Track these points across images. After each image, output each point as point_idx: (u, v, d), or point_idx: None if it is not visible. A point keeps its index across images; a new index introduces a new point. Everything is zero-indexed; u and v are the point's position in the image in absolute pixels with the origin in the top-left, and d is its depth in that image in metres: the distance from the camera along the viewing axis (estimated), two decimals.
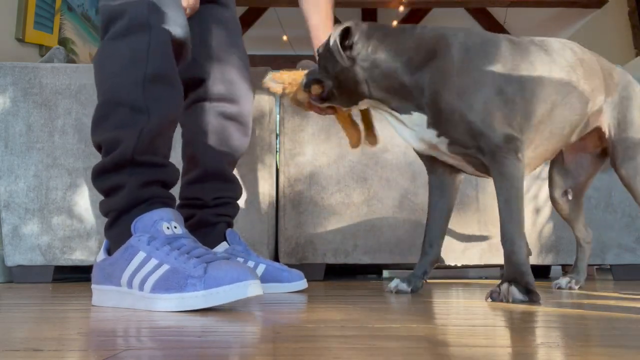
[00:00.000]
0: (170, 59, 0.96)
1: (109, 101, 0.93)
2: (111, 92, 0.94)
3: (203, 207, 1.23)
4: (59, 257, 1.69)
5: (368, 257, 1.75)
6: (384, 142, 1.80)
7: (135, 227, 0.85)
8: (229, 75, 1.27)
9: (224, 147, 1.26)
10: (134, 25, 0.93)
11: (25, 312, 0.80)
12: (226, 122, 1.26)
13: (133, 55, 0.93)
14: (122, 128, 0.91)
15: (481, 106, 0.96)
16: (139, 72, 0.92)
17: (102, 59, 0.97)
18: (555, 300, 1.02)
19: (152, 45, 0.93)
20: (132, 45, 0.93)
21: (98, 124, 0.94)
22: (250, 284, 0.79)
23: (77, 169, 1.72)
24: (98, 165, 0.93)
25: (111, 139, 0.91)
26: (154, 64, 0.93)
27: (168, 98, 0.95)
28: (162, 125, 0.93)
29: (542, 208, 1.80)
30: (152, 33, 0.94)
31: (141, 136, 0.90)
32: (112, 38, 0.95)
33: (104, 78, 0.96)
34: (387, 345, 0.49)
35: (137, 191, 0.89)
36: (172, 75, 0.97)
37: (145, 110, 0.91)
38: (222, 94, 1.26)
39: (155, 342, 0.52)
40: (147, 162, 0.91)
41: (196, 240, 0.88)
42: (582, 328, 0.61)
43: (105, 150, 0.92)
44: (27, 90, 1.73)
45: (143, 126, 0.90)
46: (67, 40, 2.82)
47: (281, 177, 1.78)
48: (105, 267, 0.88)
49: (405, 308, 0.84)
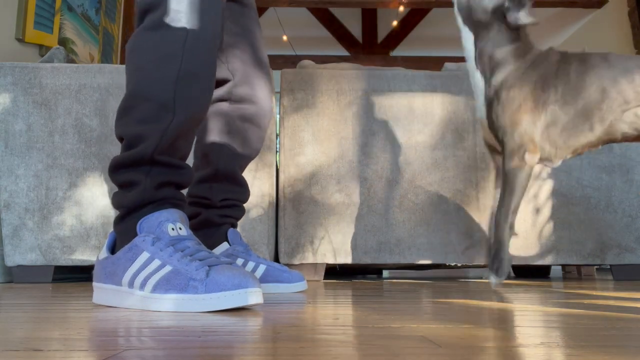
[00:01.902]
0: (206, 57, 0.93)
1: (137, 94, 0.90)
2: (140, 85, 0.90)
3: (209, 207, 1.22)
4: (59, 257, 1.69)
5: (368, 257, 1.75)
6: (384, 142, 1.80)
7: (141, 227, 0.85)
8: (252, 78, 1.25)
9: (239, 150, 1.25)
10: (171, 17, 0.90)
11: (25, 312, 0.80)
12: (244, 124, 1.25)
13: (168, 49, 0.89)
14: (146, 124, 0.89)
15: (514, 114, 1.21)
16: (172, 68, 0.89)
17: (135, 48, 0.93)
18: (555, 300, 1.02)
19: (188, 41, 0.90)
20: (168, 38, 0.90)
21: (123, 115, 0.91)
22: (251, 292, 0.78)
23: (77, 169, 1.72)
24: (118, 158, 0.91)
25: (134, 134, 0.89)
26: (189, 61, 0.90)
27: (198, 98, 0.92)
28: (186, 126, 0.91)
29: (542, 208, 1.80)
30: (190, 27, 0.90)
31: (164, 136, 0.88)
32: (147, 28, 0.92)
33: (134, 69, 0.92)
34: (387, 345, 0.49)
35: (151, 191, 0.88)
36: (206, 74, 0.93)
37: (172, 109, 0.89)
38: (243, 95, 1.25)
39: (156, 342, 0.52)
40: (165, 163, 0.90)
41: (200, 242, 0.88)
42: (582, 328, 0.61)
43: (127, 144, 0.90)
44: (27, 90, 1.73)
45: (167, 125, 0.88)
46: (67, 40, 2.82)
47: (281, 177, 1.78)
48: (107, 265, 0.88)
49: (405, 308, 0.84)
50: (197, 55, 0.91)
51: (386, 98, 1.82)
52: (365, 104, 1.81)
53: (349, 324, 0.64)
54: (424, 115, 1.83)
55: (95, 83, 1.75)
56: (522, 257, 1.81)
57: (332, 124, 1.80)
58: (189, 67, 0.90)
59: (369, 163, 1.78)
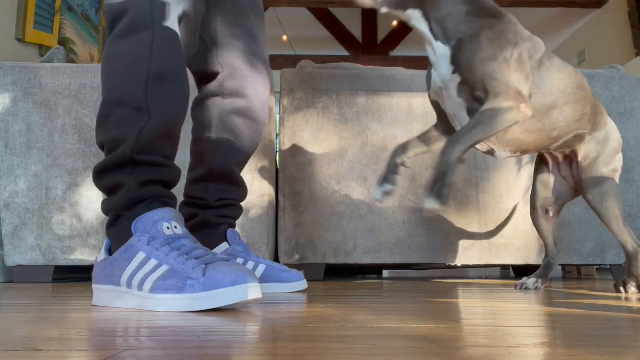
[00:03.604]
0: (176, 55, 0.94)
1: (111, 100, 0.93)
2: (114, 92, 0.93)
3: (206, 207, 1.22)
4: (59, 257, 1.69)
5: (368, 257, 1.75)
6: (384, 142, 1.80)
7: (136, 227, 0.85)
8: (244, 70, 1.24)
9: (234, 146, 1.23)
10: (137, 23, 0.92)
11: (25, 312, 0.80)
12: (238, 119, 1.23)
13: (136, 54, 0.91)
14: (123, 127, 0.90)
15: (502, 61, 1.10)
16: (142, 71, 0.91)
17: (107, 58, 0.96)
18: (555, 300, 1.02)
19: (155, 42, 0.92)
20: (135, 43, 0.92)
21: (101, 123, 0.93)
22: (250, 287, 0.78)
23: (77, 169, 1.72)
24: (100, 164, 0.93)
25: (112, 138, 0.91)
26: (158, 62, 0.92)
27: (172, 98, 0.94)
28: (164, 125, 0.92)
29: None
30: (156, 29, 0.92)
31: (141, 136, 0.89)
32: (117, 37, 0.94)
33: (107, 77, 0.95)
34: (387, 345, 0.49)
35: (136, 190, 0.89)
36: (177, 73, 0.95)
37: (147, 111, 0.90)
38: (234, 88, 1.23)
39: (156, 342, 0.52)
40: (147, 162, 0.91)
41: (196, 240, 0.88)
42: (582, 328, 0.61)
43: (107, 149, 0.92)
44: (27, 90, 1.73)
45: (143, 126, 0.90)
46: (67, 40, 2.82)
47: (281, 177, 1.78)
48: (105, 267, 0.88)
49: (405, 308, 0.84)
50: (166, 54, 0.93)
51: (386, 98, 1.82)
52: (365, 104, 1.81)
53: (349, 324, 0.64)
54: (424, 115, 1.83)
55: (95, 83, 1.75)
56: (522, 257, 1.81)
57: (332, 123, 1.80)
58: (159, 67, 0.92)
59: (369, 163, 1.78)
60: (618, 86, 1.88)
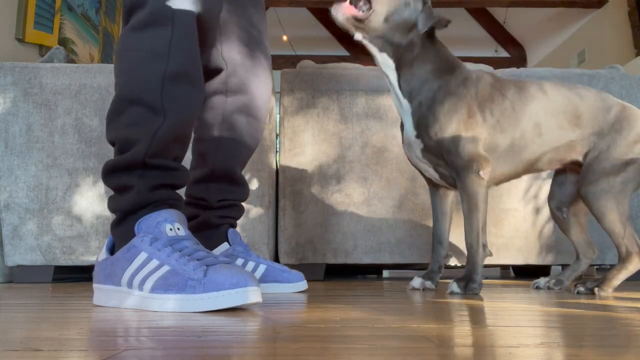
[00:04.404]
0: (194, 54, 0.91)
1: (125, 97, 0.89)
2: (127, 88, 0.89)
3: (207, 208, 1.21)
4: (59, 257, 1.69)
5: (368, 257, 1.75)
6: (384, 142, 1.80)
7: (139, 228, 0.85)
8: (247, 66, 1.22)
9: (237, 145, 1.22)
10: (155, 17, 0.88)
11: (25, 312, 0.80)
12: (241, 117, 1.22)
13: (153, 50, 0.87)
14: (136, 127, 0.87)
15: (454, 129, 1.14)
16: (159, 69, 0.87)
17: (121, 50, 0.92)
18: (556, 300, 1.02)
19: (174, 39, 0.88)
20: (153, 38, 0.88)
21: (112, 119, 0.90)
22: (250, 290, 0.78)
23: (77, 169, 1.72)
24: (110, 162, 0.90)
25: (125, 137, 0.88)
26: (176, 61, 0.88)
27: (188, 99, 0.90)
28: (178, 128, 0.89)
29: (542, 208, 1.80)
30: (176, 25, 0.88)
31: (155, 138, 0.87)
32: (133, 29, 0.90)
33: (121, 72, 0.91)
34: (387, 345, 0.49)
35: (145, 194, 0.88)
36: (194, 73, 0.91)
37: (162, 112, 0.87)
38: (237, 85, 1.21)
39: (156, 342, 0.52)
40: (158, 166, 0.89)
41: (198, 242, 0.88)
42: (582, 328, 0.61)
43: (118, 148, 0.90)
44: (27, 90, 1.73)
45: (158, 128, 0.87)
46: (67, 40, 2.82)
47: (281, 177, 1.78)
48: (106, 266, 0.88)
49: (405, 308, 0.84)
50: (185, 53, 0.89)
51: (386, 98, 1.82)
52: (365, 104, 1.81)
53: (349, 324, 0.64)
54: None
55: (95, 83, 1.75)
56: (522, 257, 1.81)
57: (332, 124, 1.80)
58: (177, 66, 0.88)
59: (369, 163, 1.78)
60: (618, 86, 1.88)
